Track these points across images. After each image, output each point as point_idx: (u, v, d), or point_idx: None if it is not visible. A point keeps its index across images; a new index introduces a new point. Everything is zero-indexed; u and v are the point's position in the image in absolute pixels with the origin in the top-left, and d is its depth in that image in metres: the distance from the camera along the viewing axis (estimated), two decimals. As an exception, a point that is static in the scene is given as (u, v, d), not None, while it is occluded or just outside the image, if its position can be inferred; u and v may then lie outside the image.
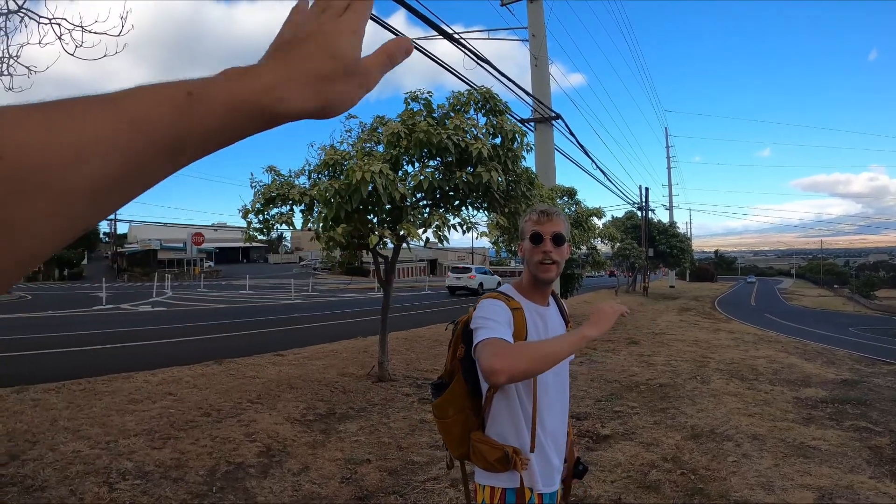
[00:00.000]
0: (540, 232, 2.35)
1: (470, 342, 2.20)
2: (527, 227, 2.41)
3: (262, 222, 8.75)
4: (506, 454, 2.21)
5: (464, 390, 2.38)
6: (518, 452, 2.23)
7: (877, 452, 6.36)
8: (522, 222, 2.47)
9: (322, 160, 8.18)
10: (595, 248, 25.83)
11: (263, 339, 15.61)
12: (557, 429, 2.39)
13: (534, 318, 2.35)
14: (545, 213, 2.40)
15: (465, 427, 2.38)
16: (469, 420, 2.38)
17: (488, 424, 2.34)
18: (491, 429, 2.32)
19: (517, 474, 2.22)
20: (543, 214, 2.40)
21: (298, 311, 24.97)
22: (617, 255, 43.93)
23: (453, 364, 2.44)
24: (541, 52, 17.92)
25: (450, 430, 2.41)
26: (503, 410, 2.30)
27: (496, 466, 2.24)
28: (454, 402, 2.39)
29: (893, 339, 29.13)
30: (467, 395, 2.37)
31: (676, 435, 6.90)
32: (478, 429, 2.37)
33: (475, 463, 2.33)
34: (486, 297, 2.33)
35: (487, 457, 2.25)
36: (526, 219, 2.45)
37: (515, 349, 2.00)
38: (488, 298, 2.32)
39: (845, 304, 78.52)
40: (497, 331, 2.08)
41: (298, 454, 6.20)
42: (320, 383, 9.37)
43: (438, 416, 2.44)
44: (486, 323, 2.13)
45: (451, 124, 8.11)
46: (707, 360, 12.47)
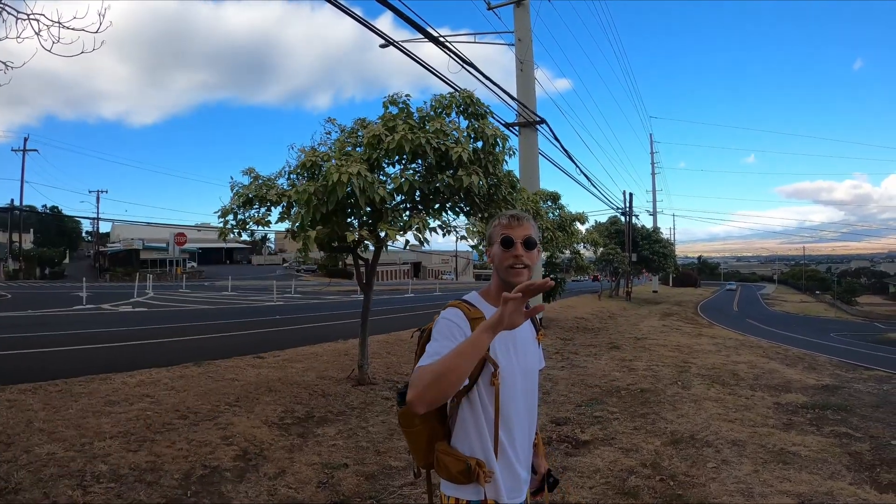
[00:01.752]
0: (510, 236, 2.29)
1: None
2: (496, 232, 2.36)
3: (238, 224, 8.66)
4: (468, 466, 2.18)
5: None
6: (482, 465, 2.20)
7: (857, 458, 6.35)
8: (491, 227, 2.42)
9: (300, 161, 8.09)
10: (578, 252, 25.83)
11: (244, 341, 15.54)
12: (524, 436, 2.35)
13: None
14: (515, 218, 2.35)
15: (431, 437, 2.32)
16: (435, 430, 2.32)
17: (454, 434, 2.30)
18: (457, 438, 2.28)
19: (481, 487, 2.19)
20: (513, 219, 2.35)
21: (280, 314, 24.87)
22: (600, 259, 44.07)
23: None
24: (526, 57, 17.94)
25: (416, 440, 2.35)
26: (468, 418, 2.25)
27: (459, 479, 2.21)
28: None
29: (874, 344, 29.43)
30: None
31: (656, 440, 6.87)
32: (443, 438, 2.33)
33: (439, 474, 2.29)
34: (447, 308, 2.28)
35: (451, 468, 2.22)
36: (495, 223, 2.40)
37: (418, 375, 1.95)
38: (448, 308, 2.27)
39: (827, 309, 79.22)
40: (430, 355, 2.05)
41: (275, 458, 6.14)
42: (299, 386, 9.31)
43: (404, 425, 2.35)
44: (430, 346, 2.12)
45: (431, 128, 8.06)
46: (688, 365, 12.47)
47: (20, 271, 57.41)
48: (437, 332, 2.17)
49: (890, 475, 5.85)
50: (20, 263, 58.39)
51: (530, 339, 2.42)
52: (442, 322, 2.20)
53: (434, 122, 8.15)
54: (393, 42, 10.65)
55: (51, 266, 62.05)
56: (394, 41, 10.63)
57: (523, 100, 17.28)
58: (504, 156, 8.90)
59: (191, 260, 78.39)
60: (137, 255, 73.98)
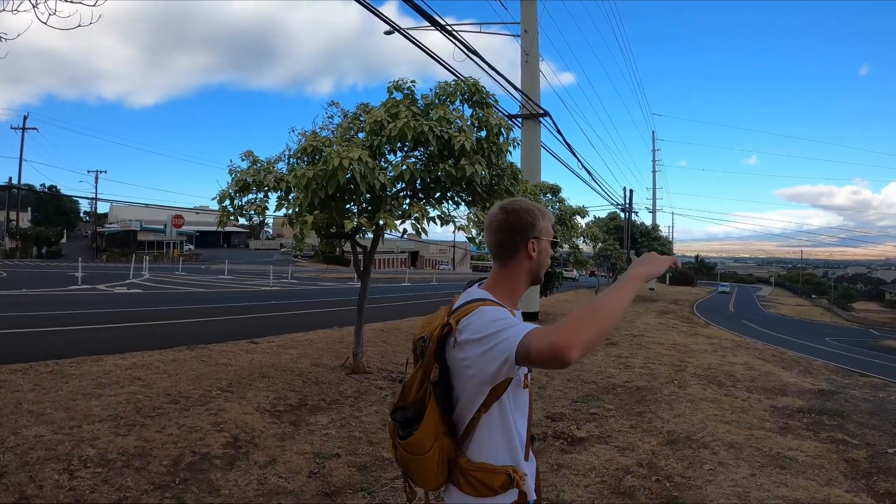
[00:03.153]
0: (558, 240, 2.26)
1: (443, 361, 1.96)
2: (548, 229, 2.20)
3: (235, 209, 8.55)
4: (509, 476, 2.00)
5: (439, 416, 2.01)
6: (517, 470, 2.02)
7: (854, 466, 6.26)
8: (541, 219, 2.18)
9: (301, 146, 7.98)
10: (577, 246, 25.75)
11: (238, 325, 15.55)
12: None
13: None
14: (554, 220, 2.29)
15: (442, 455, 2.02)
16: (445, 446, 2.03)
17: (476, 445, 2.03)
18: (482, 448, 2.02)
19: (514, 490, 2.02)
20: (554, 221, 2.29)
21: (276, 299, 24.88)
22: (598, 255, 44.11)
23: (423, 389, 2.06)
24: (532, 49, 17.82)
25: (429, 464, 2.03)
26: (496, 426, 2.02)
27: (498, 491, 2.01)
28: (431, 432, 2.01)
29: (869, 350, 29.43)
30: (441, 421, 2.02)
31: (652, 440, 6.77)
32: (459, 453, 2.05)
33: (466, 492, 2.03)
34: (485, 304, 1.98)
35: (489, 483, 1.99)
36: (549, 218, 2.24)
37: (575, 319, 1.67)
38: (486, 306, 1.96)
39: (823, 314, 79.33)
40: (525, 325, 1.79)
41: (266, 446, 6.05)
42: (293, 373, 9.23)
43: (414, 452, 2.01)
44: (506, 324, 1.82)
45: (435, 115, 7.94)
46: (685, 364, 12.38)
47: (17, 250, 57.25)
48: (501, 314, 1.89)
49: (887, 484, 5.77)
50: (17, 242, 58.22)
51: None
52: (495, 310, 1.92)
53: (438, 109, 8.03)
54: (398, 28, 10.54)
55: (48, 245, 61.83)
56: (399, 27, 10.53)
57: (527, 91, 17.18)
58: (508, 146, 8.79)
59: (188, 243, 78.13)
60: (135, 236, 73.81)
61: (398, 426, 2.09)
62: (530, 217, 2.16)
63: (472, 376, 1.90)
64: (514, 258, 2.15)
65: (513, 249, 2.15)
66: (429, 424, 2.00)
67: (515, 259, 2.15)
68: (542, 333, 1.68)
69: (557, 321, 1.74)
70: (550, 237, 2.20)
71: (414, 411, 2.06)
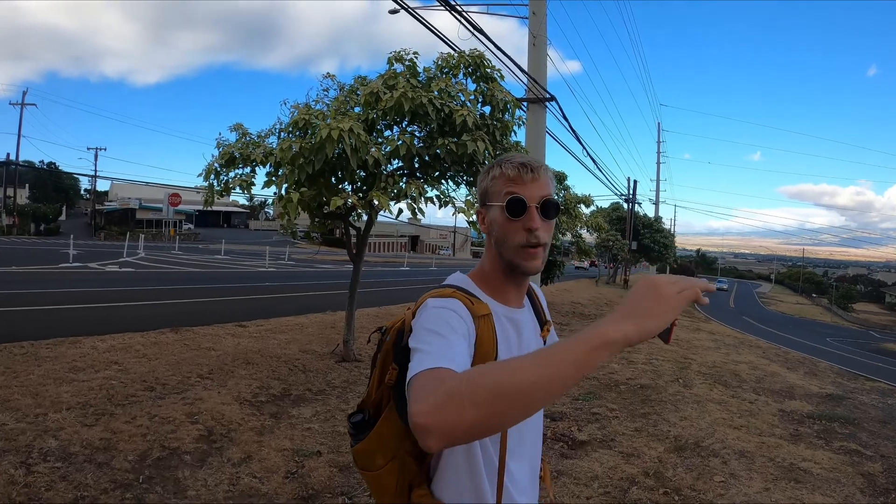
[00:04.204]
0: (521, 196, 1.54)
1: (404, 362, 1.35)
2: (498, 188, 1.60)
3: (221, 185, 8.11)
4: None
5: (397, 430, 1.53)
6: None
7: (870, 480, 5.86)
8: (487, 179, 1.64)
9: (292, 119, 7.51)
10: (580, 236, 25.44)
11: (228, 307, 15.21)
12: (529, 472, 1.69)
13: (505, 328, 1.58)
14: (527, 168, 1.57)
15: (401, 478, 1.56)
16: (406, 468, 1.56)
17: (437, 477, 1.55)
18: (443, 482, 1.54)
19: None
20: (525, 169, 1.57)
21: (270, 280, 24.55)
22: (600, 245, 44.01)
23: (379, 392, 1.61)
24: (540, 31, 17.40)
25: (380, 486, 1.58)
26: (459, 458, 1.52)
27: None
28: (383, 446, 1.55)
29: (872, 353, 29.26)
30: (402, 436, 1.53)
31: (659, 446, 6.33)
32: (421, 482, 1.56)
33: None
34: (434, 295, 1.53)
35: None
36: (494, 173, 1.62)
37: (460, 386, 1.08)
38: (436, 298, 1.51)
39: (823, 313, 79.48)
40: (441, 353, 1.26)
41: (242, 441, 5.65)
42: (279, 360, 8.89)
43: (364, 467, 1.60)
44: (428, 340, 1.32)
45: (435, 87, 7.49)
46: (689, 361, 12.02)
47: (14, 227, 56.85)
48: (435, 323, 1.38)
49: None
50: (14, 219, 57.84)
51: (535, 336, 1.71)
52: (436, 311, 1.44)
53: (439, 82, 7.58)
54: (403, 5, 10.11)
55: (46, 222, 61.51)
56: (404, 5, 10.10)
57: (534, 75, 16.77)
58: (514, 124, 8.39)
59: (188, 222, 78.01)
60: (134, 214, 73.51)
61: (350, 429, 1.65)
62: (479, 181, 1.69)
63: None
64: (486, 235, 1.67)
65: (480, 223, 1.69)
66: (380, 436, 1.57)
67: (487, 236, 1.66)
68: (421, 386, 1.15)
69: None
70: (499, 201, 1.58)
71: (369, 415, 1.63)
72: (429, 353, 1.26)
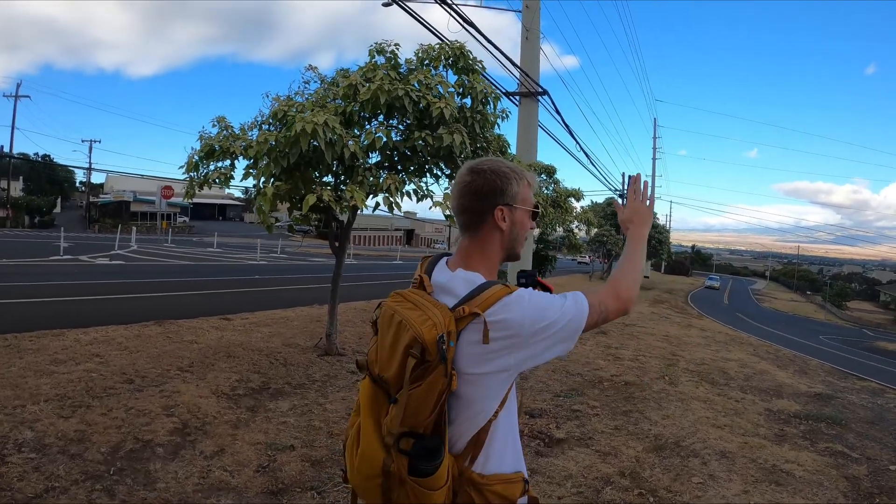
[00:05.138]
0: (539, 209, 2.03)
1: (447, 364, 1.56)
2: (528, 196, 1.88)
3: (201, 178, 8.01)
4: (525, 481, 1.75)
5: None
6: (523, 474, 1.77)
7: (854, 484, 5.76)
8: (521, 185, 1.84)
9: (272, 111, 7.43)
10: (572, 230, 25.37)
11: (214, 300, 15.26)
12: None
13: None
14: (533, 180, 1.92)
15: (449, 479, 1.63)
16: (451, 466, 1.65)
17: (481, 460, 1.68)
18: (488, 463, 1.69)
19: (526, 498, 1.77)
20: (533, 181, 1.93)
21: (260, 273, 24.50)
22: (594, 240, 44.17)
23: (439, 406, 1.59)
24: (533, 25, 17.35)
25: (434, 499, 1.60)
26: (502, 431, 1.72)
27: (517, 502, 1.70)
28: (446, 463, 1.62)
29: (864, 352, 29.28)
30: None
31: (638, 445, 6.24)
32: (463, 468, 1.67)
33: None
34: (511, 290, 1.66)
35: (509, 495, 1.68)
36: (526, 181, 1.87)
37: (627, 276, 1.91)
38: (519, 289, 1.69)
39: (817, 311, 79.56)
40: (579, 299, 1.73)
41: (216, 434, 5.60)
42: (261, 353, 8.84)
43: (432, 487, 1.59)
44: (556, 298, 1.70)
45: (414, 80, 7.42)
46: (677, 358, 11.97)
47: (7, 219, 56.73)
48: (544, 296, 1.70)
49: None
50: (8, 211, 57.70)
51: None
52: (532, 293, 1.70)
53: (418, 74, 7.49)
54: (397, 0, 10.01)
55: (40, 215, 61.51)
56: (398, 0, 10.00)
57: (527, 69, 16.73)
58: (496, 118, 8.29)
59: (182, 214, 77.94)
60: (128, 207, 73.44)
61: (412, 461, 1.59)
62: (500, 180, 1.79)
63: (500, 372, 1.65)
64: (481, 228, 1.81)
65: (478, 219, 1.81)
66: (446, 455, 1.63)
67: (482, 230, 1.81)
68: (606, 295, 1.80)
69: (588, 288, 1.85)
70: (528, 206, 1.86)
71: (436, 437, 1.62)
72: (564, 297, 1.71)
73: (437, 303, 1.65)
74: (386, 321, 1.71)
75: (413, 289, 1.79)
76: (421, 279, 1.79)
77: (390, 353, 1.65)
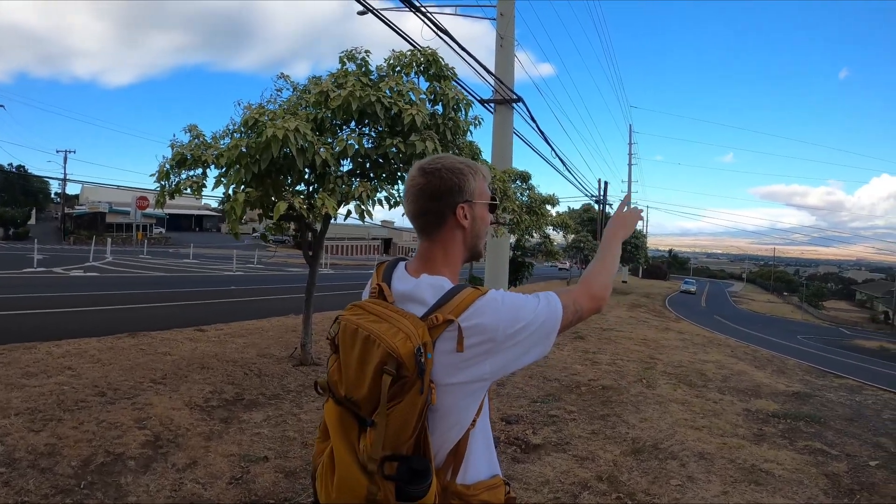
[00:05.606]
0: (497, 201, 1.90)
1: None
2: (484, 189, 1.81)
3: (172, 187, 7.92)
4: (507, 484, 1.73)
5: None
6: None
7: (834, 481, 5.78)
8: (477, 179, 1.78)
9: (243, 118, 7.34)
10: (548, 236, 25.39)
11: (189, 311, 15.16)
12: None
13: None
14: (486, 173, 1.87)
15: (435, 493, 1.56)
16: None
17: (466, 469, 1.63)
18: (466, 473, 1.64)
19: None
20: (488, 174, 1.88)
21: (236, 284, 24.41)
22: (571, 246, 44.35)
23: (420, 424, 1.51)
24: (507, 33, 17.48)
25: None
26: (479, 438, 1.68)
27: None
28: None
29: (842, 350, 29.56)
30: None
31: (615, 449, 6.21)
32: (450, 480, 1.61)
33: None
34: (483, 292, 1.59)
35: (497, 500, 1.66)
36: (477, 175, 1.79)
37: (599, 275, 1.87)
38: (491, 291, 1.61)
39: (794, 311, 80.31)
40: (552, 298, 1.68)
41: (189, 446, 5.52)
42: (235, 364, 8.75)
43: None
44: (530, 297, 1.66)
45: (385, 86, 7.36)
46: (654, 361, 11.98)
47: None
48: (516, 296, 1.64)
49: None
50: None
51: None
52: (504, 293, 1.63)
53: (389, 80, 7.44)
54: (370, 8, 9.97)
55: (14, 227, 61.00)
56: (371, 7, 9.96)
57: (501, 76, 16.81)
58: (468, 125, 8.27)
59: (159, 226, 77.48)
60: (103, 218, 72.96)
61: (400, 486, 1.49)
62: (457, 177, 1.73)
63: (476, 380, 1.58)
64: (442, 230, 1.73)
65: (438, 220, 1.73)
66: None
67: (443, 231, 1.74)
68: (579, 294, 1.75)
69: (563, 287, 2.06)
70: (486, 199, 1.80)
71: (422, 459, 1.52)
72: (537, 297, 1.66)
73: (404, 313, 1.56)
74: (348, 337, 1.60)
75: (372, 299, 1.68)
76: (380, 288, 1.69)
77: (359, 372, 1.54)
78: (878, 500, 5.43)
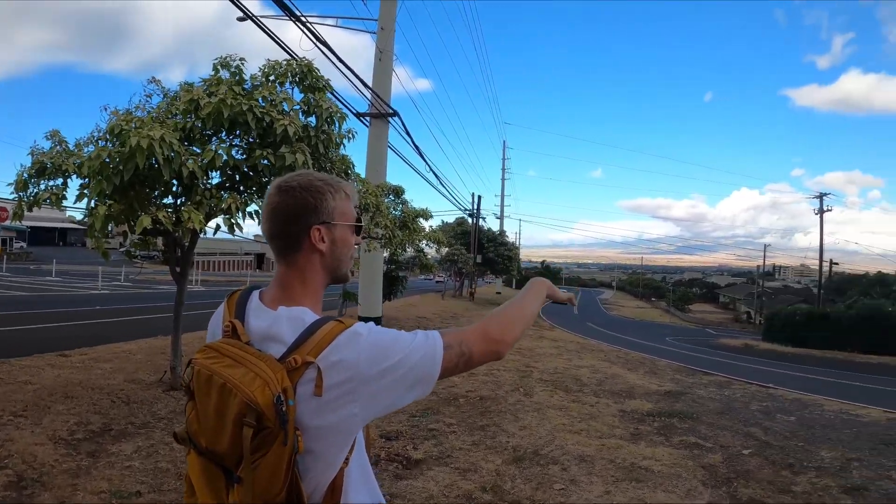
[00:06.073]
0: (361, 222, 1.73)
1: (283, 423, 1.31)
2: (346, 208, 1.63)
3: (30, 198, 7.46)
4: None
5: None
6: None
7: (712, 472, 6.07)
8: (337, 199, 1.61)
9: (108, 126, 6.98)
10: (422, 250, 25.48)
11: (52, 334, 14.27)
12: None
13: None
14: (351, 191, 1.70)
15: None
16: None
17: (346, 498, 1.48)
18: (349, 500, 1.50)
19: None
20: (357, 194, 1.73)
21: (102, 304, 23.39)
22: (445, 259, 44.54)
23: (290, 474, 1.36)
24: (387, 47, 17.46)
25: None
26: (355, 474, 1.52)
27: None
28: None
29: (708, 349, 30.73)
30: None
31: (497, 458, 6.24)
32: None
33: None
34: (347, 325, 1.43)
35: None
36: (344, 193, 1.64)
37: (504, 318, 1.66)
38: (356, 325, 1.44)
39: (662, 315, 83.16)
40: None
41: (56, 485, 5.11)
42: (102, 391, 8.21)
43: None
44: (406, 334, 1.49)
45: (258, 95, 7.19)
46: (531, 369, 12.15)
47: None
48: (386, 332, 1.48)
49: (748, 490, 5.61)
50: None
51: None
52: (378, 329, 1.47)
53: (263, 89, 7.26)
54: (250, 14, 9.72)
55: None
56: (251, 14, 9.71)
57: (379, 90, 16.77)
58: (342, 138, 8.17)
59: (19, 239, 73.44)
60: (-43, 232, 68.99)
61: None
62: (313, 196, 1.58)
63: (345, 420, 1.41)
64: (298, 254, 1.58)
65: (293, 243, 1.57)
66: None
67: (299, 255, 1.58)
68: (471, 334, 1.56)
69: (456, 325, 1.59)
70: (350, 220, 1.64)
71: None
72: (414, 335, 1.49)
73: (261, 354, 1.39)
74: (203, 384, 1.41)
75: (226, 339, 1.48)
76: (233, 326, 1.49)
77: (217, 424, 1.38)
78: (755, 485, 5.70)
